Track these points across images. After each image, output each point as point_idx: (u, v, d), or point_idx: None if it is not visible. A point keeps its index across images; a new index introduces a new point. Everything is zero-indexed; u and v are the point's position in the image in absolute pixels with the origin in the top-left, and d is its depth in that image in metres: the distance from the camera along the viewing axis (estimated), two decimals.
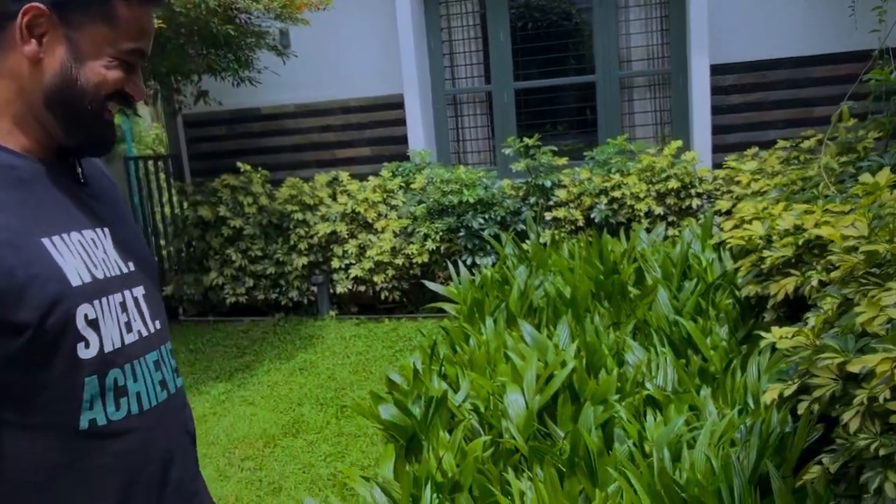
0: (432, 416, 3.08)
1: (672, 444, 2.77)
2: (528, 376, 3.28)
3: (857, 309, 2.14)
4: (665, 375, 3.45)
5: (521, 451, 2.94)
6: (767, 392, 2.44)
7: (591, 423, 2.99)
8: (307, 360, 5.79)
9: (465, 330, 4.02)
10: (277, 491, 3.94)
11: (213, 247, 6.82)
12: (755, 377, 3.37)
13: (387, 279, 6.49)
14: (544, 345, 3.68)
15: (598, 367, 3.53)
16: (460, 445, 2.96)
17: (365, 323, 6.60)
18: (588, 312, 4.31)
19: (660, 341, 3.71)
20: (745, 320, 3.89)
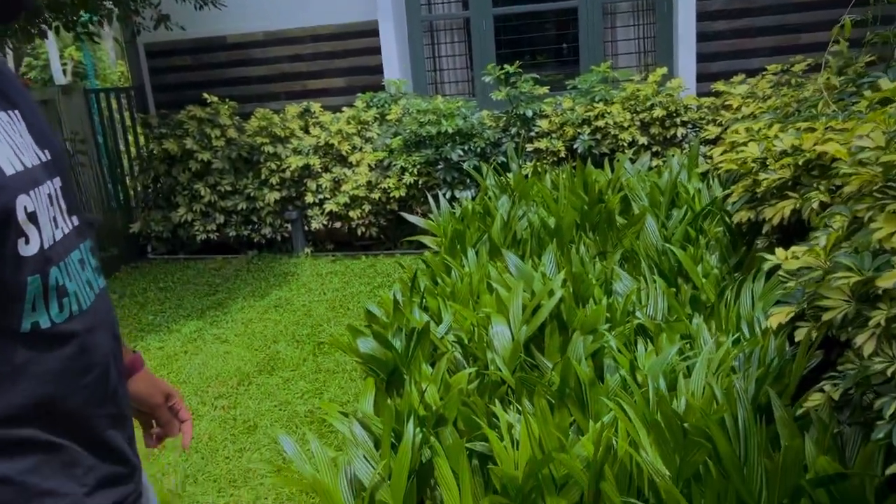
0: (414, 349, 2.92)
1: (666, 373, 2.64)
2: (513, 307, 3.12)
3: (874, 225, 1.98)
4: (655, 304, 3.31)
5: (508, 383, 2.80)
6: (773, 316, 2.30)
7: (581, 354, 2.85)
8: (282, 297, 5.61)
9: (447, 262, 3.85)
10: (252, 429, 3.80)
11: (180, 182, 6.54)
12: (749, 305, 3.25)
13: (363, 214, 6.27)
14: (530, 275, 3.52)
15: (586, 297, 3.39)
16: (444, 378, 2.81)
17: (341, 260, 6.40)
18: (573, 243, 4.15)
19: (649, 270, 3.56)
20: (735, 248, 3.75)
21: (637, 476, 2.26)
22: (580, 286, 3.39)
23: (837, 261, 2.02)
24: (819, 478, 1.91)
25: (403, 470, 2.30)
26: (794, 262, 2.20)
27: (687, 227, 3.97)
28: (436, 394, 2.71)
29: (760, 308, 3.13)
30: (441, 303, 3.31)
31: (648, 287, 3.44)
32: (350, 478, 2.44)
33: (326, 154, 6.33)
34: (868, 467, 1.99)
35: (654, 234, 3.94)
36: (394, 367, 2.88)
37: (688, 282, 3.54)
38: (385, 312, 3.32)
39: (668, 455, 2.17)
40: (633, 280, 3.55)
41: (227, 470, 3.46)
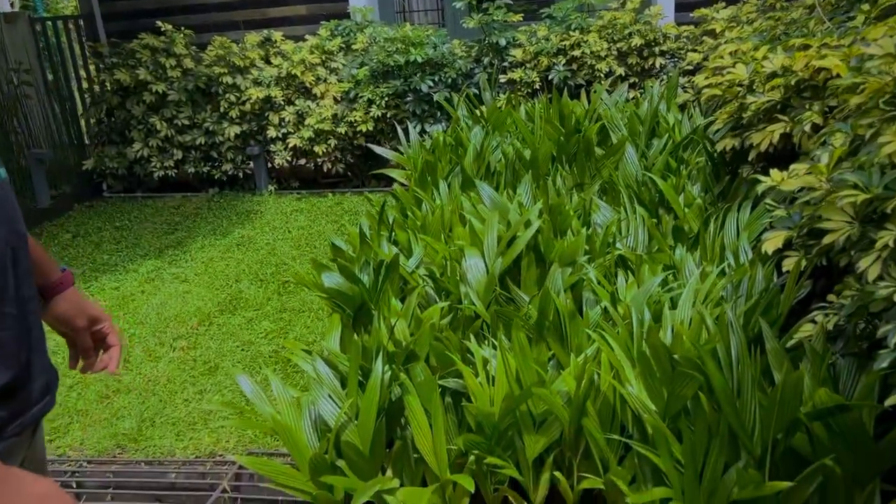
0: (382, 283, 2.73)
1: (650, 305, 2.49)
2: (488, 238, 2.94)
3: (882, 139, 1.82)
4: (636, 236, 3.16)
5: (483, 317, 2.63)
6: (768, 240, 2.14)
7: (560, 286, 2.69)
8: (245, 235, 5.37)
9: (417, 195, 3.64)
10: (213, 370, 3.61)
11: (134, 115, 6.19)
12: (734, 235, 3.10)
13: (329, 150, 6.00)
14: (505, 206, 3.33)
15: (564, 229, 3.21)
16: (414, 313, 2.64)
17: (307, 198, 6.15)
18: (549, 176, 3.96)
19: (629, 201, 3.39)
20: (719, 178, 3.59)
21: (621, 411, 2.13)
22: (557, 218, 3.21)
23: (842, 178, 1.85)
24: (818, 410, 1.78)
25: (371, 408, 2.14)
26: (793, 182, 2.04)
27: (668, 157, 3.80)
28: (406, 329, 2.54)
29: (746, 238, 2.98)
30: (411, 236, 3.11)
31: (629, 218, 3.27)
32: (314, 418, 2.27)
33: (289, 86, 6.02)
34: (868, 398, 1.87)
35: (633, 163, 3.76)
36: (361, 303, 2.70)
37: (669, 212, 3.38)
38: (352, 247, 3.12)
39: (655, 389, 2.03)
40: (613, 211, 3.38)
41: (186, 412, 3.28)
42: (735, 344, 1.97)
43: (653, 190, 3.54)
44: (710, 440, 1.89)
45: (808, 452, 1.90)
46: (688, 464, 1.85)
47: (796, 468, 1.94)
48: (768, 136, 3.05)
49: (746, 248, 2.94)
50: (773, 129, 2.97)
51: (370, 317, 2.67)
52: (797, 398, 1.78)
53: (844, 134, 2.12)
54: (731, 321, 2.02)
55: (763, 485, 1.77)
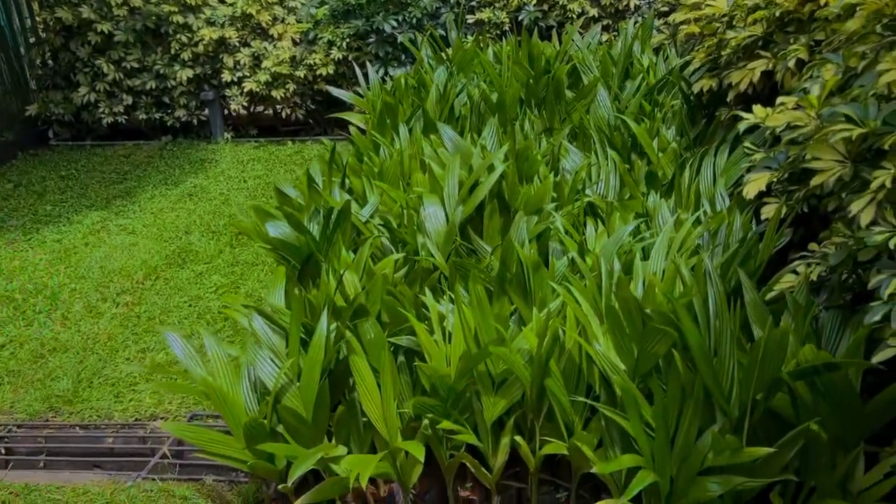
0: (332, 233, 2.51)
1: (621, 256, 2.31)
2: (448, 185, 2.72)
3: (881, 66, 1.62)
4: (607, 182, 2.96)
5: (442, 269, 2.43)
6: (751, 183, 1.95)
7: (524, 236, 2.49)
8: (198, 185, 5.08)
9: (375, 139, 3.39)
10: (158, 327, 3.39)
11: (80, 58, 5.80)
12: (710, 180, 2.91)
13: (287, 95, 5.69)
14: (468, 151, 3.10)
15: (531, 175, 3.00)
16: (367, 266, 2.43)
17: (265, 146, 5.86)
18: (517, 120, 3.73)
19: (600, 145, 3.19)
20: (695, 121, 3.39)
21: (588, 371, 1.95)
22: (524, 164, 3.00)
23: (835, 111, 1.66)
24: (802, 369, 1.61)
25: (314, 369, 1.94)
26: (779, 118, 1.84)
27: (642, 100, 3.58)
28: (357, 283, 2.33)
29: (723, 183, 2.80)
30: (366, 183, 2.88)
31: (600, 163, 3.07)
32: (253, 380, 2.07)
33: (244, 26, 5.67)
34: (855, 355, 1.71)
35: (605, 106, 3.54)
36: (309, 254, 2.48)
37: (643, 157, 3.18)
38: (301, 194, 2.88)
39: (625, 346, 1.85)
40: (584, 156, 3.17)
41: (127, 373, 3.06)
42: (713, 297, 1.79)
43: (625, 134, 3.34)
44: (684, 402, 1.73)
45: (790, 414, 1.75)
46: (659, 427, 1.68)
47: (776, 431, 1.79)
48: (748, 75, 2.84)
49: (724, 195, 2.76)
50: (754, 67, 2.77)
51: (319, 269, 2.45)
52: (780, 356, 1.62)
53: (835, 65, 1.92)
54: (708, 271, 1.84)
55: (741, 451, 1.61)
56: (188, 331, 3.33)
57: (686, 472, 1.70)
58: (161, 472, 2.57)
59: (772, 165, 2.00)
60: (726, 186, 2.85)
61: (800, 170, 1.99)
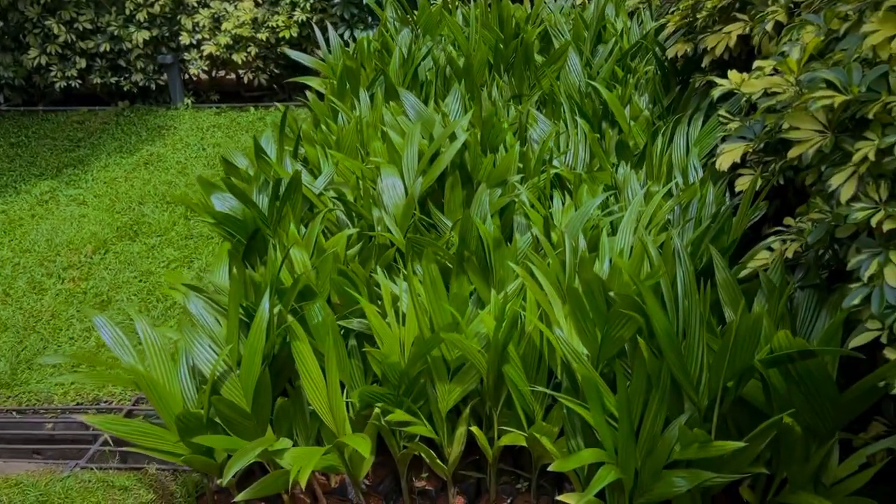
0: (282, 206, 2.34)
1: (587, 231, 2.18)
2: (408, 154, 2.56)
3: (867, 27, 1.48)
4: (576, 152, 2.81)
5: (398, 245, 2.28)
6: (724, 154, 1.82)
7: (487, 210, 2.35)
8: (154, 153, 4.87)
9: (334, 106, 3.21)
10: (105, 304, 3.21)
11: (28, 18, 5.50)
12: (683, 151, 2.79)
13: (249, 59, 5.46)
14: (430, 118, 2.94)
15: (496, 144, 2.85)
16: (318, 242, 2.27)
17: (227, 112, 5.63)
18: (484, 86, 3.57)
19: (570, 113, 3.04)
20: (668, 88, 3.25)
21: (549, 355, 1.82)
22: (490, 132, 2.84)
23: (816, 76, 1.52)
24: (776, 356, 1.50)
25: (255, 356, 1.79)
26: (756, 84, 1.69)
27: (614, 66, 3.43)
28: (307, 261, 2.18)
29: (696, 154, 2.67)
30: (321, 152, 2.71)
31: (569, 132, 2.92)
32: (192, 367, 1.92)
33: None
34: (832, 341, 1.60)
35: (576, 72, 3.39)
36: (255, 229, 2.31)
37: (614, 126, 3.04)
38: (252, 163, 2.70)
39: (588, 330, 1.73)
40: (552, 125, 3.02)
41: (70, 353, 2.89)
42: (681, 277, 1.66)
43: (596, 101, 3.19)
44: (650, 391, 1.61)
45: (762, 402, 1.64)
46: (622, 419, 1.56)
47: (747, 419, 1.68)
48: (724, 39, 2.70)
49: (697, 166, 2.63)
50: (730, 30, 2.62)
51: (266, 246, 2.29)
52: (753, 343, 1.50)
53: (816, 27, 1.78)
54: (677, 250, 1.71)
55: (709, 444, 1.50)
56: (136, 308, 3.17)
57: (651, 465, 1.58)
58: (102, 460, 2.42)
59: (747, 135, 1.87)
60: (699, 157, 2.72)
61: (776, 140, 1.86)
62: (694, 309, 1.60)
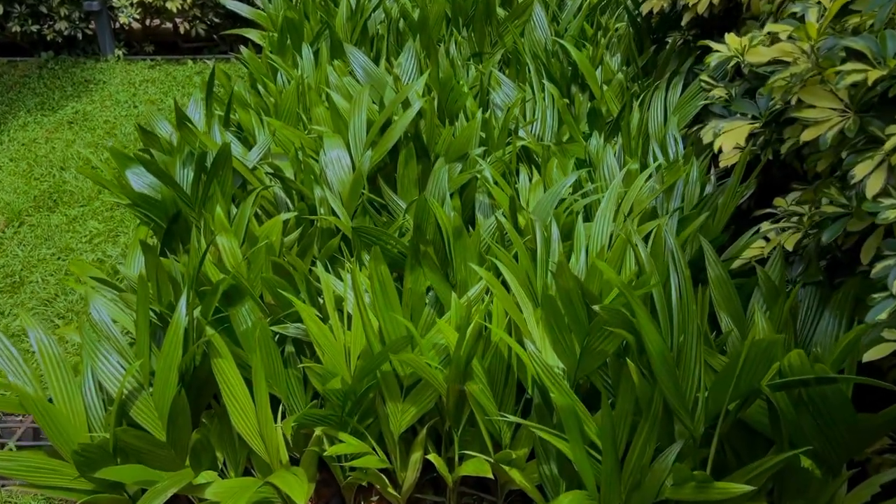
0: (208, 184, 2.02)
1: (560, 216, 1.91)
2: (355, 122, 2.25)
3: None
4: (544, 120, 2.53)
5: (345, 231, 1.99)
6: (724, 135, 1.56)
7: (445, 189, 2.06)
8: (80, 111, 4.43)
9: (273, 63, 2.86)
10: (17, 287, 2.86)
11: None
12: (660, 119, 2.53)
13: (185, 7, 5.00)
14: (381, 80, 2.62)
15: (456, 111, 2.55)
16: (251, 228, 1.97)
17: (162, 65, 5.18)
18: (442, 42, 3.25)
19: (536, 74, 2.74)
20: (642, 48, 2.98)
21: (519, 368, 1.57)
22: (448, 96, 2.54)
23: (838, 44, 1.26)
24: (787, 381, 1.27)
25: (170, 372, 1.50)
26: (762, 53, 1.43)
27: (583, 22, 3.13)
28: (237, 251, 1.87)
29: (675, 123, 2.41)
30: (255, 119, 2.38)
31: (535, 97, 2.63)
32: (97, 383, 1.62)
33: None
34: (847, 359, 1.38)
35: (542, 28, 3.08)
36: (177, 212, 1.99)
37: (584, 90, 2.77)
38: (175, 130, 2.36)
39: (565, 342, 1.48)
40: (517, 88, 2.73)
41: None
42: (676, 283, 1.42)
43: (565, 62, 2.90)
44: (636, 414, 1.37)
45: (765, 426, 1.42)
46: (607, 451, 1.32)
47: (745, 443, 1.46)
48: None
49: (676, 136, 2.37)
50: None
51: (189, 232, 1.98)
52: (763, 369, 1.26)
53: None
54: (670, 249, 1.45)
55: (710, 486, 1.27)
56: (52, 292, 2.82)
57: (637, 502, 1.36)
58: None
59: (749, 111, 1.60)
60: (679, 127, 2.47)
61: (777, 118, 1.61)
62: (690, 321, 1.35)
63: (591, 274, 1.57)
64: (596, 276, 1.56)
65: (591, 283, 1.57)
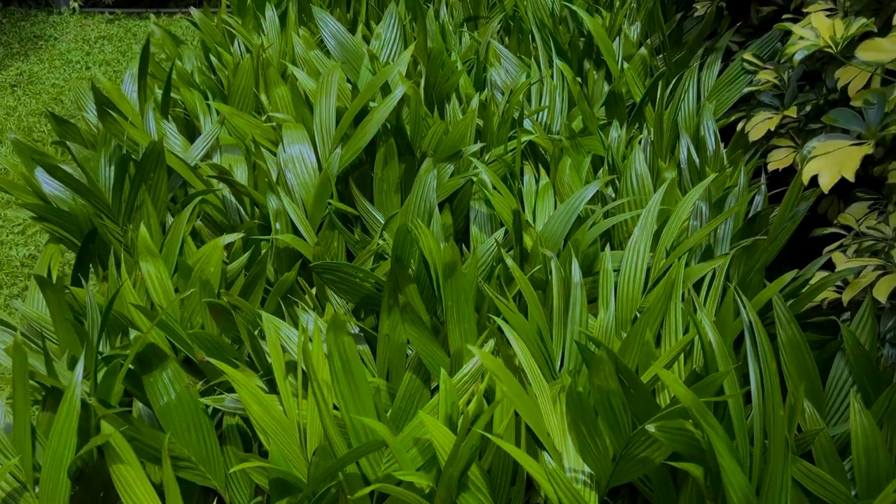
0: (135, 191, 1.60)
1: (581, 238, 1.50)
2: (322, 111, 1.82)
3: None
4: (552, 105, 2.11)
5: (307, 257, 1.58)
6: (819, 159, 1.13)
7: (433, 201, 1.65)
8: (26, 71, 3.95)
9: (230, 29, 2.40)
10: None
11: None
12: (692, 106, 2.11)
13: None
14: (357, 53, 2.18)
15: (446, 90, 2.12)
16: (187, 249, 1.56)
17: (121, 20, 4.67)
18: (430, 3, 2.79)
19: (544, 47, 2.31)
20: (667, 16, 2.53)
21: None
22: (437, 75, 2.10)
23: None
24: None
25: (60, 472, 1.11)
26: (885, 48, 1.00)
27: None
28: (167, 282, 1.46)
29: (711, 112, 1.99)
30: (200, 104, 1.94)
31: (543, 76, 2.20)
32: None
33: None
34: None
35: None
36: (91, 230, 1.57)
37: (599, 66, 2.33)
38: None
39: (596, 446, 1.08)
40: (520, 64, 2.29)
41: None
42: (755, 374, 1.02)
43: (575, 31, 2.46)
44: None
45: None
46: None
47: None
48: None
49: (713, 128, 1.96)
50: None
51: (107, 253, 1.57)
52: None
53: None
54: (747, 325, 1.05)
55: None
56: None
57: None
58: None
59: (853, 127, 1.18)
60: (715, 116, 2.06)
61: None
62: (777, 435, 0.96)
63: (629, 342, 1.17)
64: (635, 344, 1.16)
65: (627, 352, 1.18)
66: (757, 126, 1.80)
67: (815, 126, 1.76)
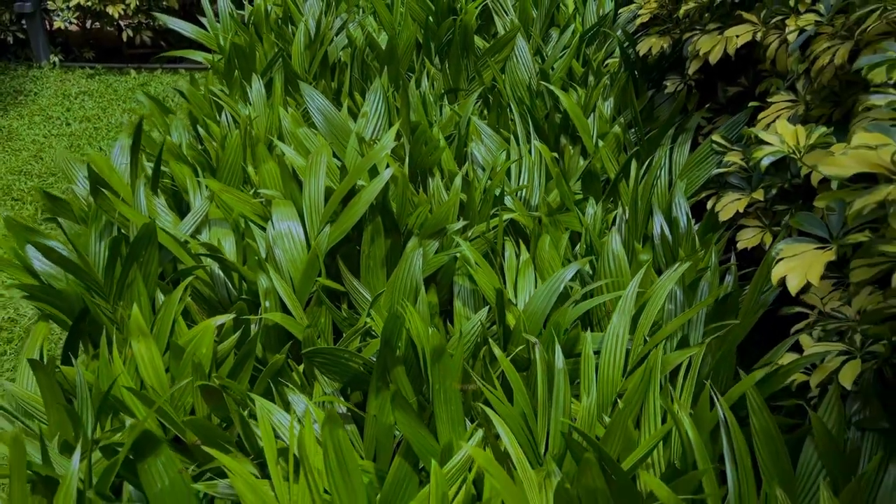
0: (126, 270, 1.64)
1: (562, 319, 1.57)
2: (311, 190, 1.88)
3: None
4: (531, 181, 2.19)
5: (296, 336, 1.62)
6: (787, 262, 1.21)
7: (419, 279, 1.71)
8: (5, 128, 3.96)
9: (217, 99, 2.47)
10: None
11: None
12: (664, 184, 2.21)
13: (127, 11, 4.54)
14: (343, 128, 2.25)
15: (430, 164, 2.19)
16: (177, 329, 1.59)
17: (102, 75, 4.72)
18: (413, 74, 2.89)
19: (521, 123, 2.40)
20: (638, 93, 2.65)
21: None
22: (420, 150, 2.18)
23: None
24: None
25: None
26: (845, 164, 1.08)
27: (571, 60, 2.79)
28: (158, 362, 1.49)
29: (682, 190, 2.09)
30: (190, 180, 1.99)
31: (521, 151, 2.29)
32: None
33: None
34: None
35: (526, 64, 2.74)
36: (85, 308, 1.60)
37: (575, 142, 2.43)
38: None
39: None
40: (499, 141, 2.38)
41: None
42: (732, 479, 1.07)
43: (552, 108, 2.56)
44: None
45: None
46: None
47: None
48: (721, 44, 2.11)
49: (684, 206, 2.05)
50: (734, 34, 2.03)
51: (99, 333, 1.59)
52: None
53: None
54: (721, 421, 1.11)
55: None
56: None
57: None
58: None
59: (817, 231, 1.27)
60: (686, 194, 2.15)
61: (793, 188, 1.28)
62: None
63: (612, 431, 1.23)
64: (617, 434, 1.22)
65: (609, 440, 1.23)
66: (726, 207, 1.89)
67: (781, 207, 1.86)
